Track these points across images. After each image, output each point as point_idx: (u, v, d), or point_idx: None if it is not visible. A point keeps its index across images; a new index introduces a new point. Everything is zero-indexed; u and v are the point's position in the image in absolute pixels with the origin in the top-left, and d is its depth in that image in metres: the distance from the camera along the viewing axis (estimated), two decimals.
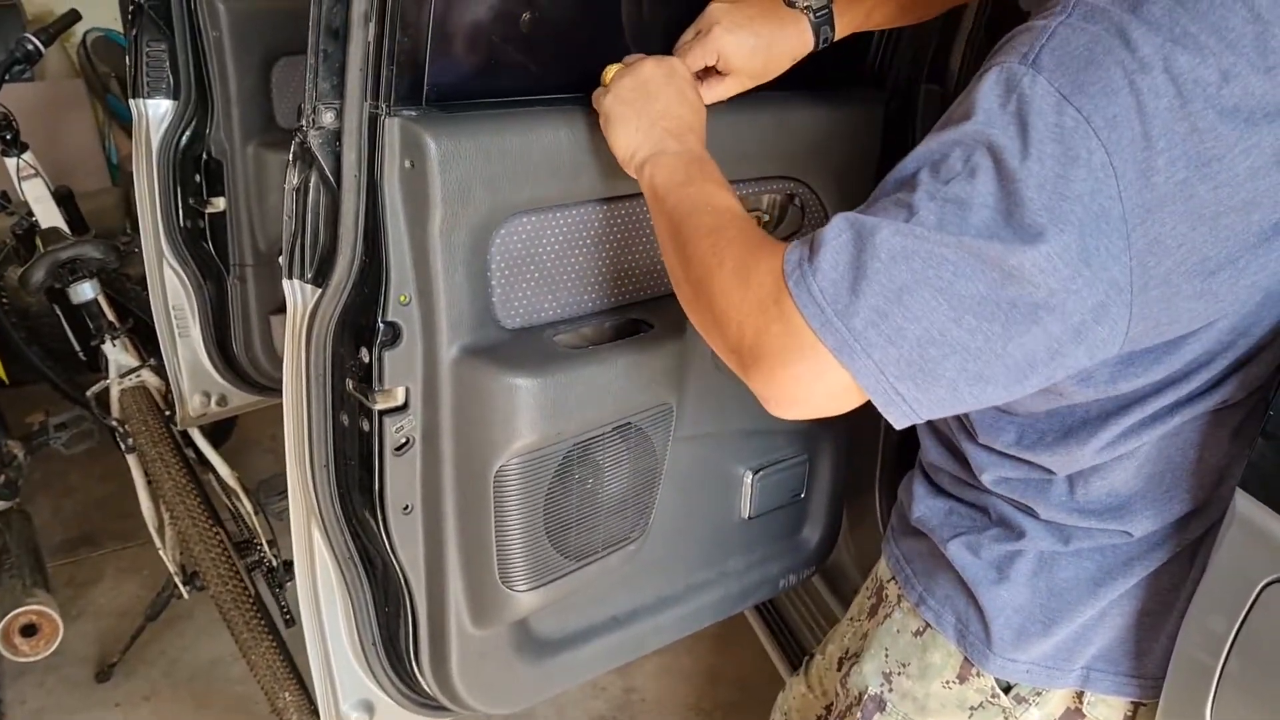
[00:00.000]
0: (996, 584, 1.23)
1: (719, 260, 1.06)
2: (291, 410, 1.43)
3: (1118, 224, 0.89)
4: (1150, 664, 1.19)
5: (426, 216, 1.26)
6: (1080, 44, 0.90)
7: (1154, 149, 0.88)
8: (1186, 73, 0.87)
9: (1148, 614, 1.19)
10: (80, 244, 2.74)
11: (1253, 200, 0.91)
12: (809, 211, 1.69)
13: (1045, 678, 1.23)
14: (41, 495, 3.61)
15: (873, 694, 1.38)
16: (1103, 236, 0.89)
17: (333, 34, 1.23)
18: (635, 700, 2.88)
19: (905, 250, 0.91)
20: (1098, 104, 0.88)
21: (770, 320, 0.98)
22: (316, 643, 1.56)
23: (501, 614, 1.50)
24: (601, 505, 1.52)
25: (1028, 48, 0.91)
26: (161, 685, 2.91)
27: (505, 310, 1.39)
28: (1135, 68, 0.87)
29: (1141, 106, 0.87)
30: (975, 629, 1.25)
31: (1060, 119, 0.88)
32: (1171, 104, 0.87)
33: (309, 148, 1.29)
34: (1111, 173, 0.88)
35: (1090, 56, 0.89)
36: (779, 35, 1.36)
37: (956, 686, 1.29)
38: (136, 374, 2.86)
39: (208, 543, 2.40)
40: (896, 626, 1.37)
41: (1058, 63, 0.90)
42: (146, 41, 2.37)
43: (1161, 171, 0.88)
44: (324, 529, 1.47)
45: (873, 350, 0.93)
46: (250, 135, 2.44)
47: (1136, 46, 0.88)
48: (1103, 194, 0.88)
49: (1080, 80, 0.89)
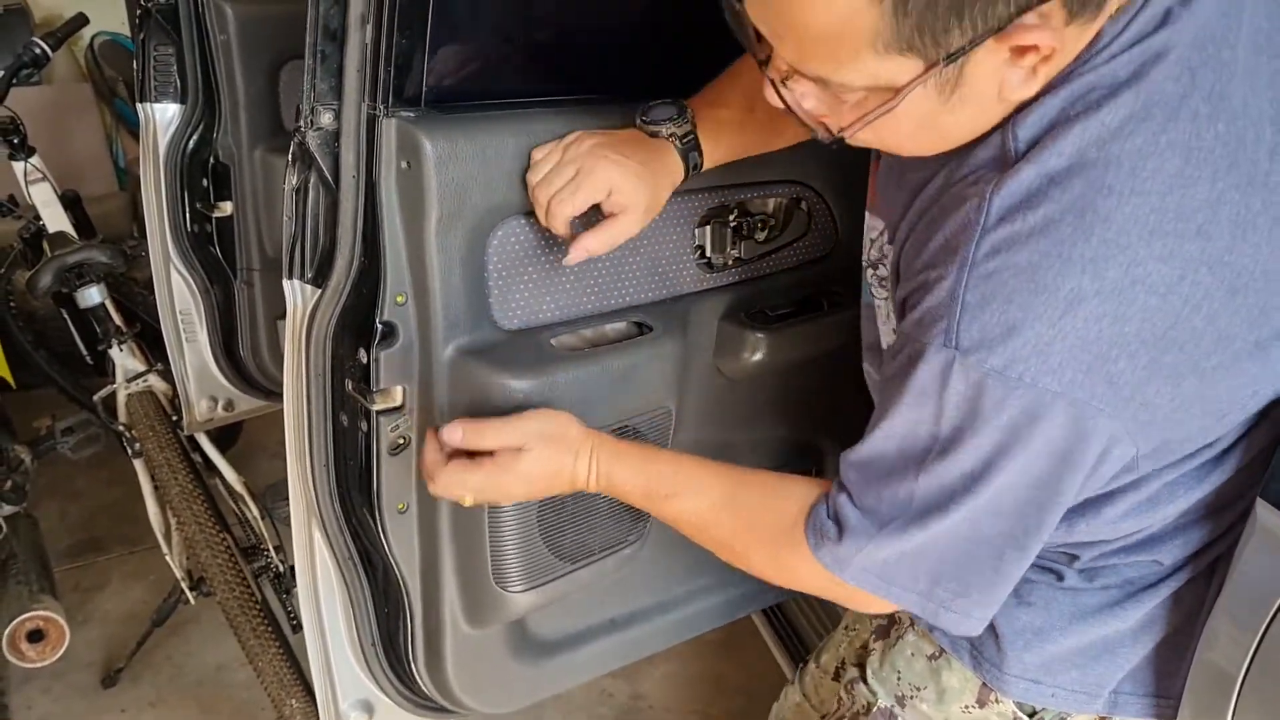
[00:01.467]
0: (1014, 607, 1.20)
1: (734, 551, 1.23)
2: (292, 410, 1.43)
3: (1104, 427, 0.93)
4: (1178, 683, 1.17)
5: (423, 217, 1.26)
6: (994, 308, 0.91)
7: (1108, 358, 0.89)
8: (1119, 280, 0.88)
9: (1175, 632, 1.17)
10: (87, 248, 2.74)
11: (1226, 334, 0.92)
12: (815, 215, 1.68)
13: (1073, 702, 1.21)
14: (48, 500, 3.61)
15: (883, 707, 1.37)
16: (1083, 448, 0.94)
17: (330, 35, 1.23)
18: (642, 706, 2.87)
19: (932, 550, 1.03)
20: (1036, 366, 0.90)
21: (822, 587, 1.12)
22: (316, 642, 1.56)
23: (496, 614, 1.50)
24: (598, 508, 1.51)
25: (945, 326, 0.93)
26: (167, 691, 2.91)
27: (503, 311, 1.38)
28: (1060, 311, 0.89)
29: (1084, 339, 0.89)
30: (991, 654, 1.23)
31: (1008, 393, 0.91)
32: (1114, 315, 0.89)
33: (308, 148, 1.29)
34: (1079, 403, 0.91)
35: (1009, 322, 0.90)
36: (658, 164, 1.31)
37: (976, 711, 1.27)
38: (143, 379, 2.86)
39: (214, 548, 2.40)
40: (910, 650, 1.35)
41: (979, 338, 0.91)
42: (154, 45, 2.37)
43: (1125, 373, 0.90)
44: (324, 529, 1.47)
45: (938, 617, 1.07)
46: (257, 139, 2.44)
47: (1058, 285, 0.89)
48: (1083, 418, 0.92)
49: (1010, 348, 0.90)
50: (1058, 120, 0.91)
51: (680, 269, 1.55)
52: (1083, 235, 0.88)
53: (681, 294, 1.56)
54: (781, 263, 1.68)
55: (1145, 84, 0.89)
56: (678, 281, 1.55)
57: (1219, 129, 0.89)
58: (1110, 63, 0.90)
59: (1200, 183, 0.89)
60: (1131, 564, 1.16)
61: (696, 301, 1.57)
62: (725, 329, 1.59)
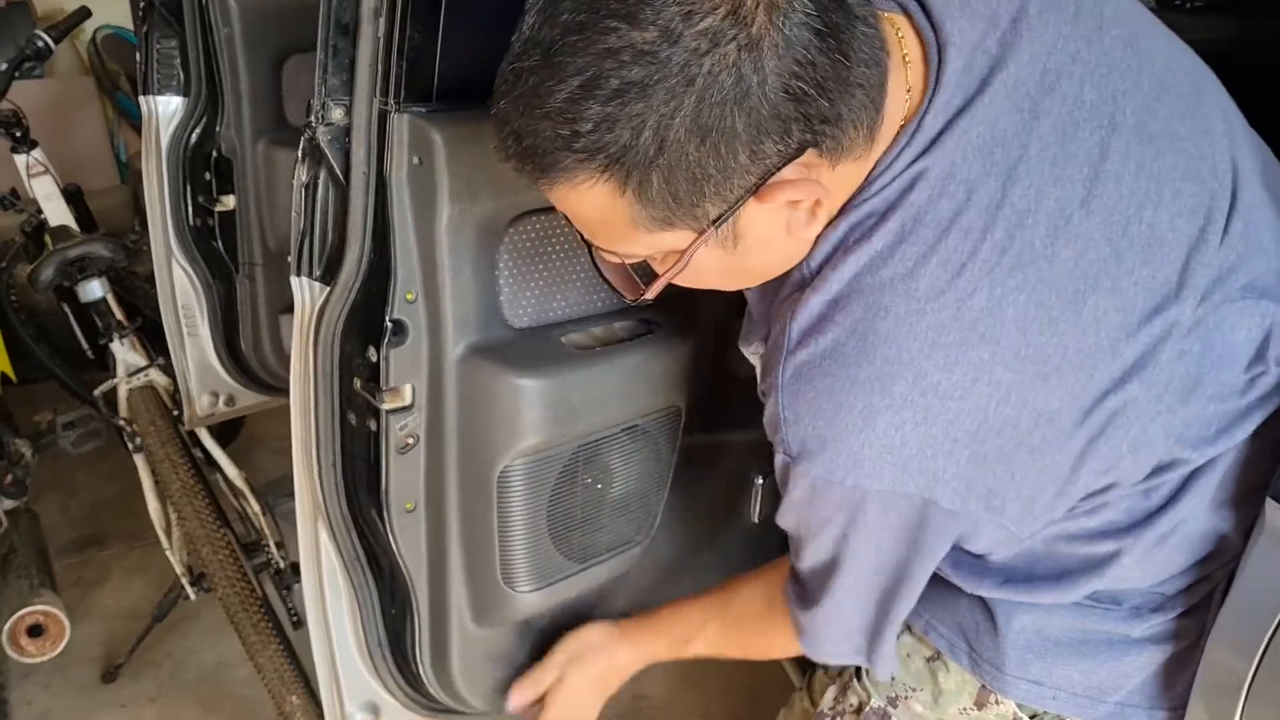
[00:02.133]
0: (1015, 609, 1.19)
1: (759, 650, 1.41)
2: (299, 409, 1.41)
3: (941, 513, 0.99)
4: (1186, 693, 1.16)
5: (434, 214, 1.25)
6: (805, 424, 0.98)
7: (923, 457, 0.94)
8: (908, 392, 0.92)
9: (1186, 646, 1.15)
10: (89, 242, 2.73)
11: (1045, 412, 0.95)
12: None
13: (1074, 706, 1.19)
14: (49, 495, 3.61)
15: (875, 706, 1.36)
16: (931, 522, 1.01)
17: (343, 29, 1.22)
18: (645, 707, 2.86)
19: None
20: (855, 473, 0.97)
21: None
22: (322, 644, 1.54)
23: (503, 614, 1.49)
24: (607, 507, 1.50)
25: (780, 434, 1.01)
26: (168, 687, 2.91)
27: (513, 309, 1.37)
28: (859, 426, 0.94)
29: (890, 445, 0.94)
30: (990, 655, 1.22)
31: (837, 494, 1.01)
32: (915, 419, 0.93)
33: (318, 144, 1.27)
34: (904, 498, 0.97)
35: (821, 436, 0.97)
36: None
37: (974, 713, 1.26)
38: (144, 373, 2.86)
39: (215, 544, 2.39)
40: (906, 650, 1.34)
41: (802, 448, 0.99)
42: (157, 38, 2.36)
43: (946, 468, 0.95)
44: (331, 529, 1.46)
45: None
46: (261, 133, 2.42)
47: (852, 404, 0.94)
48: (911, 506, 0.99)
49: (826, 458, 0.97)
50: (838, 248, 0.97)
51: None
52: (866, 356, 0.93)
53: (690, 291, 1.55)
54: None
55: (911, 206, 0.93)
56: None
57: (996, 238, 0.92)
58: (884, 190, 0.94)
59: (977, 294, 0.91)
60: (1136, 594, 1.16)
61: (706, 298, 1.55)
62: (735, 326, 1.58)
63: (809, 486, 1.02)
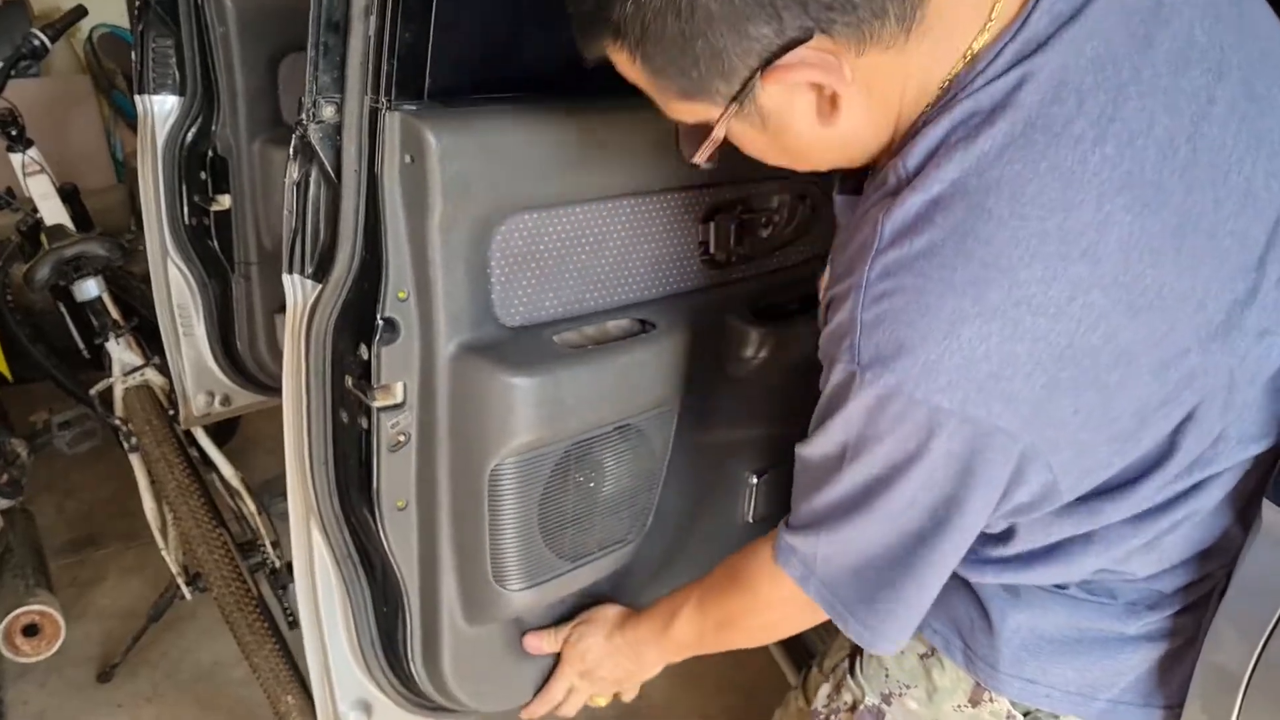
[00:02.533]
0: (1009, 606, 1.20)
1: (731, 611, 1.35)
2: (291, 407, 1.41)
3: (1006, 442, 0.95)
4: (1181, 693, 1.17)
5: (426, 212, 1.24)
6: (886, 328, 0.94)
7: (1001, 377, 0.91)
8: (1002, 301, 0.89)
9: (1180, 645, 1.16)
10: (85, 241, 2.72)
11: (1127, 351, 0.93)
12: (818, 211, 1.67)
13: (1067, 704, 1.20)
14: (45, 495, 3.61)
15: (870, 705, 1.36)
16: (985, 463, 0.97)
17: (333, 27, 1.21)
18: (641, 706, 2.84)
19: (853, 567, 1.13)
20: (927, 384, 0.92)
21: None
22: (314, 642, 1.54)
23: (494, 612, 1.49)
24: (599, 506, 1.50)
25: (849, 344, 0.97)
26: (164, 687, 2.90)
27: (505, 308, 1.37)
28: (944, 333, 0.91)
29: (970, 358, 0.91)
30: (984, 651, 1.22)
31: (904, 408, 0.95)
32: (1002, 334, 0.90)
33: (309, 142, 1.27)
34: (976, 421, 0.94)
35: (899, 341, 0.93)
36: None
37: (969, 710, 1.27)
38: (140, 373, 2.85)
39: (210, 544, 2.38)
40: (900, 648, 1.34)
41: (876, 354, 0.94)
42: (152, 37, 2.36)
43: (1021, 391, 0.92)
44: (323, 527, 1.46)
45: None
46: (256, 132, 2.42)
47: (940, 307, 0.91)
48: (974, 442, 0.95)
49: (902, 366, 0.93)
50: (940, 147, 0.93)
51: (684, 265, 1.54)
52: (963, 259, 0.90)
53: (685, 290, 1.55)
54: (785, 259, 1.67)
55: (1020, 108, 0.90)
56: (681, 278, 1.54)
57: (1107, 152, 0.89)
58: (987, 87, 0.92)
59: (1084, 206, 0.89)
60: (1132, 589, 1.16)
61: (700, 298, 1.56)
62: (729, 325, 1.58)
63: (873, 399, 0.96)
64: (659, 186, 1.46)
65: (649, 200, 1.46)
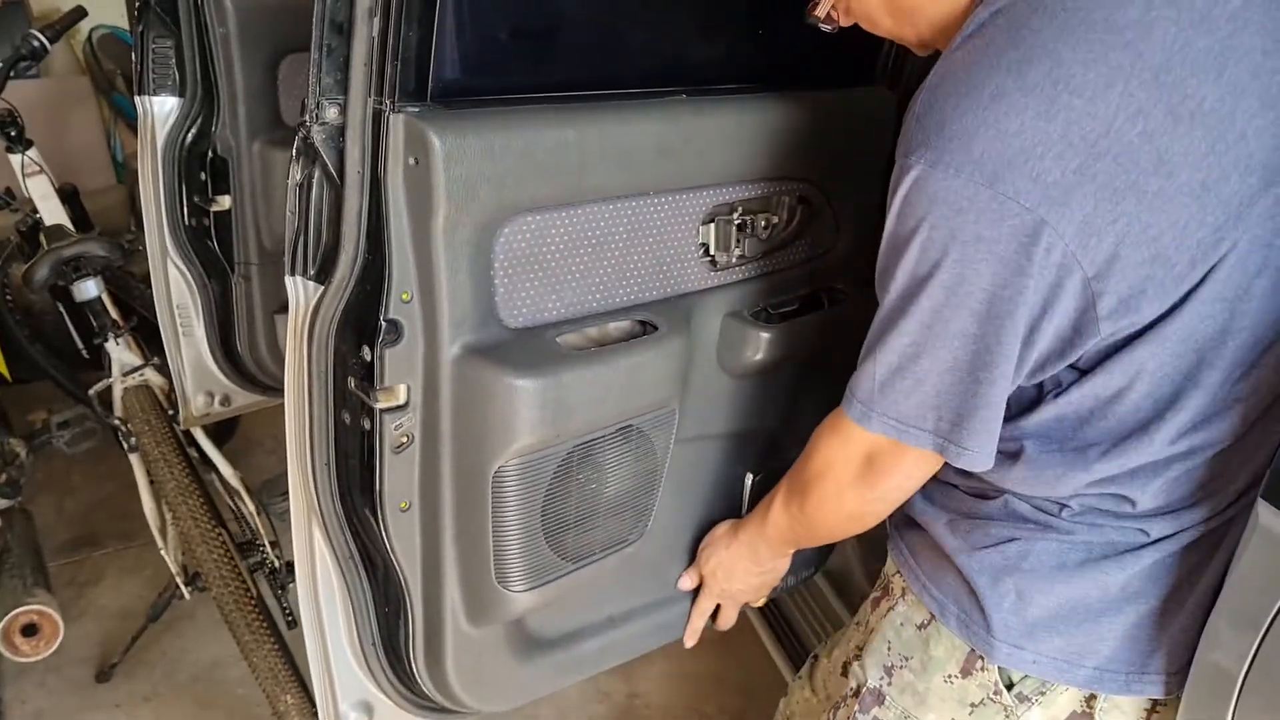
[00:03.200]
0: (1000, 569, 1.22)
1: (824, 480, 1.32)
2: (293, 408, 1.42)
3: (1035, 226, 0.97)
4: (1160, 660, 1.18)
5: (430, 214, 1.25)
6: (933, 112, 1.01)
7: (1032, 155, 0.95)
8: (1041, 79, 0.96)
9: (1157, 608, 1.17)
10: (84, 241, 2.72)
11: (1165, 158, 0.96)
12: (816, 212, 1.68)
13: (1053, 670, 1.21)
14: (44, 494, 3.60)
15: (871, 687, 1.38)
16: (1020, 247, 0.99)
17: (337, 28, 1.22)
18: (639, 705, 2.86)
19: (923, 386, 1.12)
20: (961, 156, 0.98)
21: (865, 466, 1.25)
22: (316, 642, 1.55)
23: (497, 613, 1.49)
24: (601, 507, 1.51)
25: (905, 139, 1.04)
26: (162, 686, 2.90)
27: (508, 309, 1.37)
28: (983, 104, 0.97)
29: (1002, 132, 0.96)
30: (977, 617, 1.24)
31: (940, 185, 1.00)
32: (1037, 111, 0.95)
33: (312, 143, 1.27)
34: (1003, 198, 0.97)
35: (942, 119, 0.99)
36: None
37: (958, 681, 1.28)
38: (140, 373, 2.85)
39: (210, 543, 2.39)
40: (900, 619, 1.36)
41: (923, 139, 1.01)
42: (152, 38, 2.36)
43: (1051, 170, 0.96)
44: (325, 528, 1.46)
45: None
46: (256, 132, 2.42)
47: (984, 84, 0.98)
48: (1005, 221, 0.98)
49: (940, 142, 0.99)
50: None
51: (684, 267, 1.54)
52: (1012, 42, 0.98)
53: (685, 292, 1.56)
54: (784, 260, 1.68)
55: None
56: (682, 279, 1.55)
57: None
58: None
59: (1132, 4, 0.95)
60: (1118, 528, 1.17)
61: (700, 299, 1.56)
62: (728, 326, 1.59)
63: (912, 182, 1.02)
64: (660, 188, 1.46)
65: (650, 202, 1.46)
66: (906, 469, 1.20)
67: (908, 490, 1.25)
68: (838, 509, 1.31)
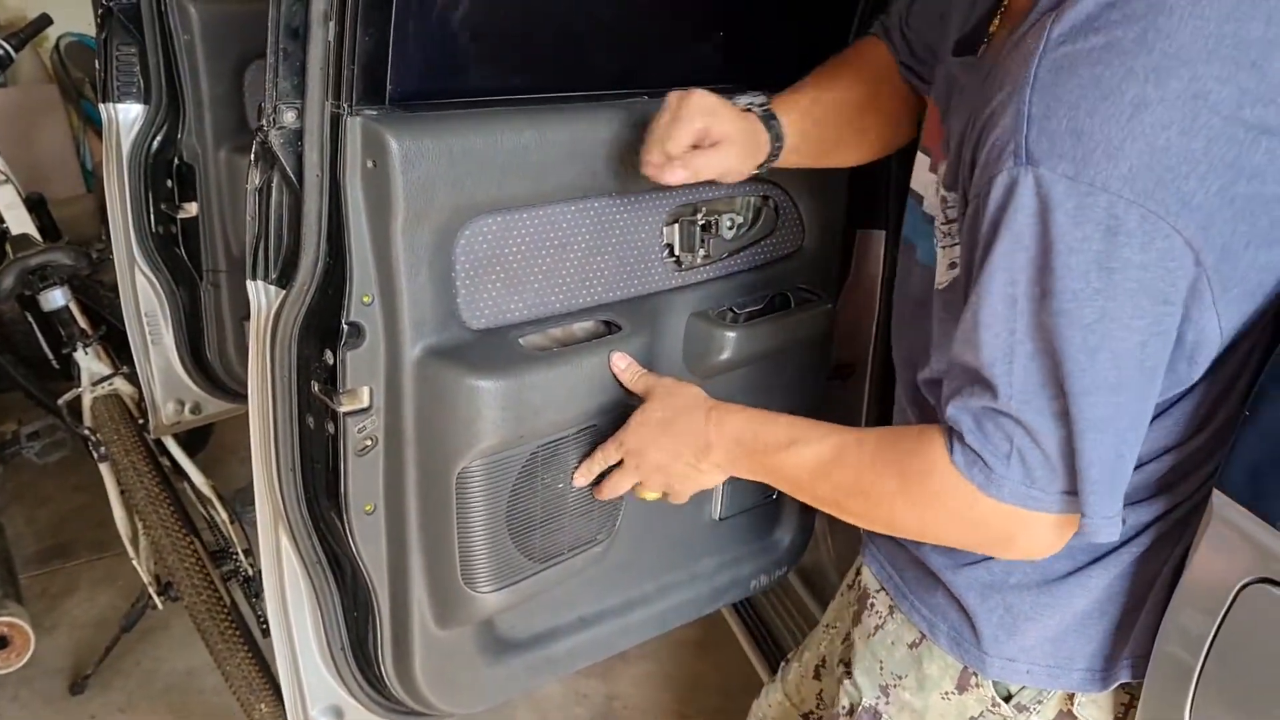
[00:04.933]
0: (987, 585, 1.21)
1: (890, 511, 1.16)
2: (257, 413, 1.42)
3: (1181, 253, 0.91)
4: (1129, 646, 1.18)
5: (389, 216, 1.25)
6: (1060, 115, 0.91)
7: (1179, 174, 0.89)
8: (1182, 92, 0.89)
9: (1132, 606, 1.18)
10: (50, 250, 2.70)
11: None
12: (783, 213, 1.68)
13: (1046, 678, 1.22)
14: (15, 506, 3.57)
15: (868, 705, 1.37)
16: (1169, 273, 0.92)
17: (292, 33, 1.22)
18: (617, 707, 2.86)
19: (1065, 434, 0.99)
20: (1108, 170, 0.89)
21: (993, 526, 1.07)
22: (285, 647, 1.54)
23: (465, 615, 1.49)
24: (567, 507, 1.51)
25: (1013, 144, 0.92)
26: (137, 697, 2.88)
27: (470, 311, 1.38)
28: (1127, 115, 0.89)
29: (1152, 146, 0.88)
30: (968, 634, 1.24)
31: (1080, 200, 0.90)
32: (1181, 127, 0.89)
33: (270, 148, 1.28)
34: (1154, 217, 0.89)
35: (1077, 127, 0.90)
36: (746, 124, 1.35)
37: (956, 697, 1.27)
38: (109, 382, 2.83)
39: (181, 552, 2.37)
40: (891, 639, 1.35)
41: (1049, 148, 0.91)
42: (116, 45, 2.35)
43: (1198, 192, 0.89)
44: (291, 532, 1.46)
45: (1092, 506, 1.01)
46: (222, 139, 2.41)
47: (1122, 91, 0.89)
48: (1155, 242, 0.90)
49: (1080, 153, 0.90)
50: None
51: (649, 267, 1.55)
52: (1144, 48, 0.89)
53: (650, 292, 1.56)
54: (749, 261, 1.68)
55: None
56: (646, 280, 1.55)
57: None
58: None
59: (1255, 20, 0.90)
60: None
61: (665, 300, 1.57)
62: (694, 327, 1.59)
63: (1045, 198, 0.91)
64: (623, 189, 1.46)
65: (613, 202, 1.47)
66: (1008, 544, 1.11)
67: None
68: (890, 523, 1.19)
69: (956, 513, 1.08)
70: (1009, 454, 1.01)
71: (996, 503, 1.03)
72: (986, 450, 1.02)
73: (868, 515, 1.20)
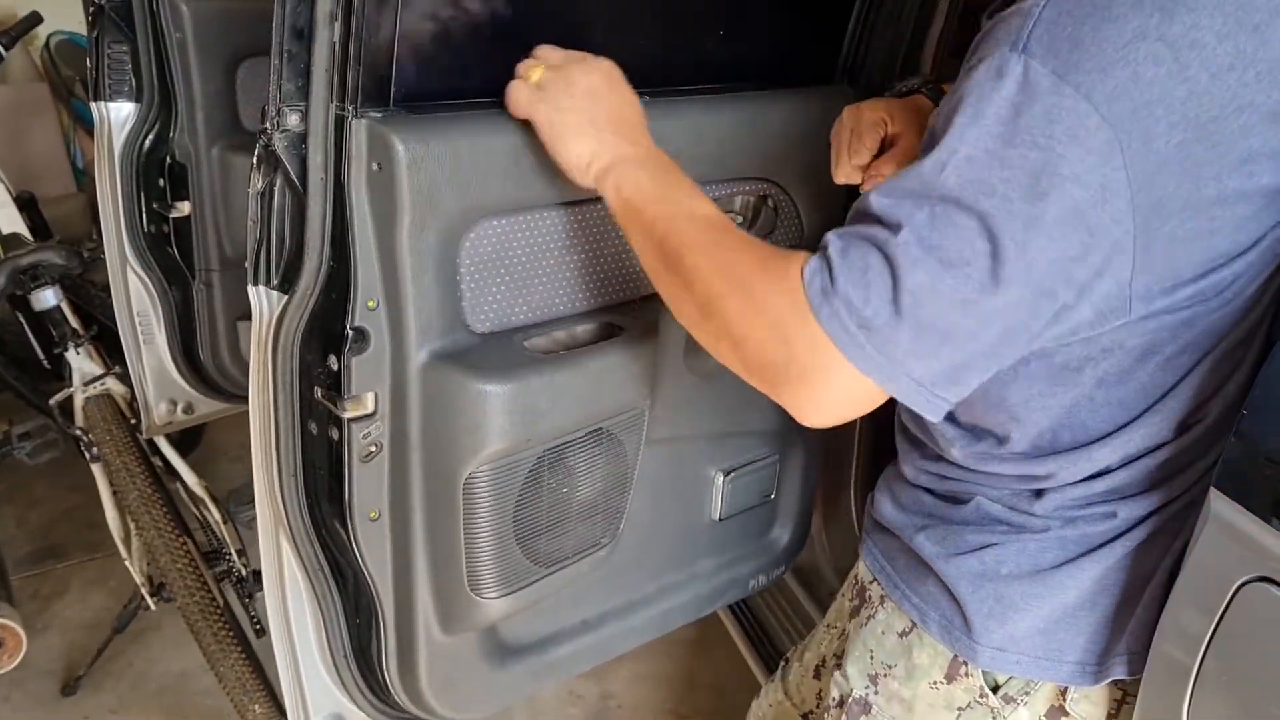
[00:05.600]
0: (979, 575, 1.22)
1: (726, 281, 1.06)
2: (258, 419, 1.40)
3: (1122, 191, 0.91)
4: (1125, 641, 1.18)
5: (394, 220, 1.24)
6: (1066, 25, 0.91)
7: (1153, 116, 0.89)
8: (1180, 37, 0.89)
9: (1129, 597, 1.18)
10: (41, 250, 2.69)
11: (1251, 157, 0.93)
12: (782, 212, 1.68)
13: (1036, 669, 1.21)
14: (6, 507, 3.56)
15: (858, 696, 1.37)
16: (1106, 205, 0.91)
17: (297, 34, 1.20)
18: (612, 707, 2.86)
19: (930, 284, 0.93)
20: (1094, 79, 0.89)
21: (798, 347, 0.99)
22: (286, 655, 1.53)
23: (470, 621, 1.48)
24: (572, 511, 1.50)
25: (1015, 35, 0.92)
26: (129, 698, 2.87)
27: (475, 314, 1.37)
28: (1126, 40, 0.89)
29: (1138, 76, 0.89)
30: (959, 622, 1.24)
31: (1058, 99, 0.90)
32: (1170, 69, 0.89)
33: (274, 150, 1.26)
34: (1117, 146, 0.90)
35: (1078, 38, 0.90)
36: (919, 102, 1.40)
37: (944, 687, 1.28)
38: (101, 382, 2.82)
39: (174, 553, 2.36)
40: (881, 628, 1.35)
41: (1048, 46, 0.91)
42: (108, 43, 2.32)
43: (1161, 137, 0.90)
44: (293, 539, 1.44)
45: (913, 372, 0.96)
46: (215, 138, 2.39)
47: (1128, 18, 0.89)
48: (1107, 166, 0.90)
49: (1073, 59, 0.90)
50: None
51: None
52: None
53: (652, 294, 1.55)
54: None
55: None
56: (648, 282, 1.54)
57: None
58: None
59: None
60: (1090, 516, 1.17)
61: None
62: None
63: (1026, 86, 0.91)
64: None
65: None
66: (849, 404, 1.03)
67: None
68: (707, 302, 1.08)
69: (776, 313, 1.00)
70: (859, 282, 0.94)
71: (816, 327, 0.96)
72: (840, 267, 0.96)
73: (695, 280, 1.09)
